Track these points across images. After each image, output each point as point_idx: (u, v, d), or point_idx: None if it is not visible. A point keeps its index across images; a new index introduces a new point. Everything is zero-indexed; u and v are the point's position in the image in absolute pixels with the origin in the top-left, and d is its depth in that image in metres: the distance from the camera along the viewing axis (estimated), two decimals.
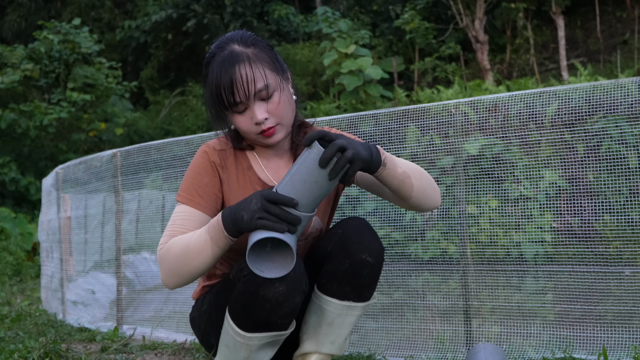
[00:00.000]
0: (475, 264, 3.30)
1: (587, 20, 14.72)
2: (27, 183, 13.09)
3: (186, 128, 15.58)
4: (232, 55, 1.71)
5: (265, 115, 1.72)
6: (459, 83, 12.00)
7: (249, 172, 1.84)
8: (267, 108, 1.73)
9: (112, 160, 4.27)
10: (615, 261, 3.05)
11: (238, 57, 1.70)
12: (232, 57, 1.70)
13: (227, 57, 1.71)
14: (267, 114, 1.72)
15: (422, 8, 14.87)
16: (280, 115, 1.74)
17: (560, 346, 2.80)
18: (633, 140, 3.15)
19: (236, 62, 1.70)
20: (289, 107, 1.77)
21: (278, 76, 1.75)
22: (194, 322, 1.99)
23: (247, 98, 1.70)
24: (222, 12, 16.76)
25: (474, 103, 3.40)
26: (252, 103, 1.71)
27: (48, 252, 5.71)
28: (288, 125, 1.78)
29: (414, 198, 1.76)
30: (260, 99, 1.72)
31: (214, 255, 1.64)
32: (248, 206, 1.55)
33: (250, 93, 1.70)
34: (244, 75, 1.69)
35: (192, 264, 1.66)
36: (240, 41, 1.74)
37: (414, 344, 3.09)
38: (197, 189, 1.78)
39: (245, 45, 1.74)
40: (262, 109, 1.72)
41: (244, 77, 1.69)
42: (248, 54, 1.72)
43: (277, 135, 1.76)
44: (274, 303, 1.64)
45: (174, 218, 1.77)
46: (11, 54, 14.10)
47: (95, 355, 2.87)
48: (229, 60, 1.70)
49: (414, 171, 1.75)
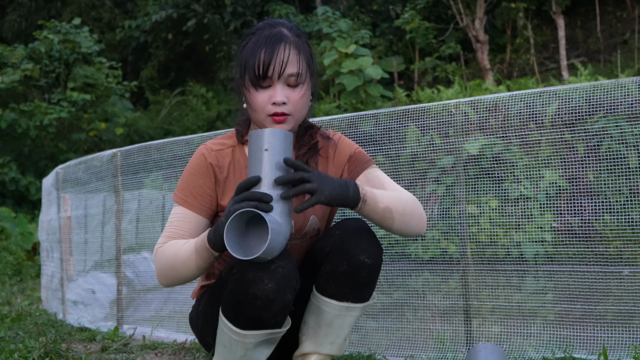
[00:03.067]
0: (476, 264, 3.30)
1: (587, 20, 14.72)
2: (27, 183, 13.08)
3: (186, 128, 15.58)
4: (280, 34, 1.77)
5: (284, 99, 1.75)
6: (459, 83, 12.00)
7: (245, 171, 1.85)
8: (288, 94, 1.76)
9: (112, 160, 4.27)
10: (615, 261, 3.05)
11: (286, 38, 1.76)
12: (280, 36, 1.76)
13: (275, 34, 1.76)
14: (287, 100, 1.76)
15: (422, 8, 14.87)
16: (297, 108, 1.78)
17: (560, 346, 2.80)
18: (633, 140, 3.15)
19: (282, 41, 1.75)
20: (305, 105, 1.81)
21: (309, 73, 1.80)
22: (192, 321, 2.00)
23: (277, 76, 1.75)
24: (222, 12, 16.76)
25: (474, 103, 3.40)
26: (278, 83, 1.76)
27: (48, 251, 5.71)
28: (298, 120, 1.81)
29: (395, 229, 1.77)
30: (287, 83, 1.76)
31: (198, 266, 1.69)
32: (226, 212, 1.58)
33: (283, 73, 1.74)
34: (284, 54, 1.74)
35: (179, 271, 1.72)
36: (289, 28, 1.81)
37: (414, 344, 3.09)
38: (192, 190, 1.81)
39: (293, 34, 1.80)
40: (284, 93, 1.76)
41: (284, 56, 1.74)
42: (294, 41, 1.78)
43: (286, 125, 1.78)
44: (264, 300, 1.65)
45: (170, 219, 1.81)
46: (11, 53, 14.10)
47: (96, 355, 2.87)
48: (276, 37, 1.76)
49: (397, 204, 1.74)
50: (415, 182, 3.57)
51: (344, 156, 1.91)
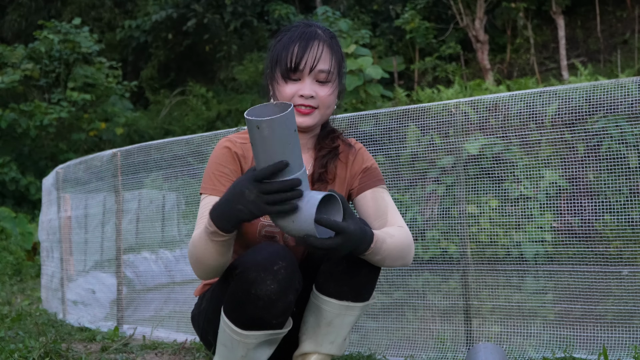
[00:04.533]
0: (476, 264, 3.30)
1: (587, 20, 14.72)
2: (27, 183, 13.08)
3: (186, 128, 15.58)
4: (315, 33, 1.83)
5: (312, 93, 1.80)
6: (459, 83, 12.00)
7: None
8: (317, 90, 1.81)
9: (113, 160, 4.27)
10: (615, 261, 3.05)
11: (320, 37, 1.83)
12: (315, 34, 1.82)
13: (310, 32, 1.82)
14: (315, 94, 1.81)
15: (423, 8, 14.87)
16: (324, 103, 1.83)
17: (560, 346, 2.80)
18: (633, 140, 3.15)
19: (317, 39, 1.82)
20: (332, 103, 1.86)
21: (339, 74, 1.86)
22: (194, 320, 2.00)
23: (309, 70, 1.80)
24: (222, 12, 16.75)
25: (474, 103, 3.40)
26: (308, 78, 1.80)
27: (48, 251, 5.71)
28: (323, 117, 1.86)
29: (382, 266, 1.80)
30: (317, 79, 1.81)
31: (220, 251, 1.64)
32: (244, 199, 1.52)
33: (315, 68, 1.79)
34: (318, 51, 1.80)
35: (205, 262, 1.67)
36: (323, 30, 1.87)
37: (414, 344, 3.09)
38: (219, 177, 1.80)
39: (327, 35, 1.86)
40: (313, 87, 1.81)
41: (318, 52, 1.80)
42: (327, 41, 1.84)
43: (310, 117, 1.82)
44: (266, 301, 1.65)
45: (201, 212, 1.77)
46: (11, 53, 14.09)
47: (96, 354, 2.87)
48: (311, 34, 1.82)
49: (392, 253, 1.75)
50: (415, 182, 3.57)
51: (360, 166, 1.94)
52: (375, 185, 1.91)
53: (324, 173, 1.89)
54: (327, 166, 1.89)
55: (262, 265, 1.63)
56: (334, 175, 1.91)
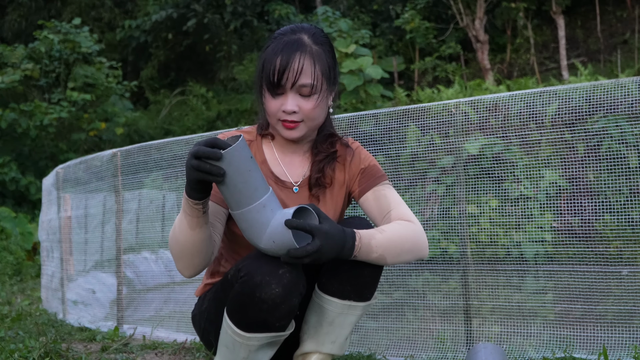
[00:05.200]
0: (476, 264, 3.30)
1: (587, 20, 14.72)
2: (27, 183, 13.08)
3: (186, 128, 15.58)
4: (299, 42, 1.78)
5: (295, 108, 1.78)
6: (459, 83, 12.00)
7: (263, 166, 1.87)
8: (301, 104, 1.78)
9: (113, 160, 4.27)
10: (615, 261, 3.05)
11: (303, 47, 1.77)
12: (298, 44, 1.77)
13: (294, 41, 1.78)
14: (298, 109, 1.78)
15: (423, 7, 14.87)
16: (310, 116, 1.80)
17: (560, 346, 2.80)
18: (633, 139, 3.15)
19: (299, 50, 1.76)
20: (320, 114, 1.82)
21: (326, 83, 1.81)
22: (195, 319, 2.00)
23: (290, 85, 1.77)
24: (223, 12, 16.75)
25: (474, 103, 3.40)
26: (291, 92, 1.78)
27: (48, 251, 5.71)
28: (312, 128, 1.84)
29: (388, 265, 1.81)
30: (300, 93, 1.78)
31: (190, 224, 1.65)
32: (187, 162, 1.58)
33: (296, 83, 1.76)
34: (298, 65, 1.75)
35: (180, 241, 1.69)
36: (312, 35, 1.81)
37: (414, 344, 3.09)
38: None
39: (314, 41, 1.80)
40: (295, 102, 1.78)
41: (298, 66, 1.75)
42: (311, 50, 1.78)
43: (296, 131, 1.81)
44: (270, 305, 1.65)
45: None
46: (11, 53, 14.09)
47: (96, 354, 2.87)
48: (294, 45, 1.77)
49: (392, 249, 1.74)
50: (415, 182, 3.57)
51: (358, 167, 1.93)
52: (375, 184, 1.90)
53: (320, 178, 1.88)
54: (323, 171, 1.88)
55: (267, 269, 1.64)
56: (331, 180, 1.90)
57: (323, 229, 1.59)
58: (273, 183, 1.86)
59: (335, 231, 1.62)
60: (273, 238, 1.59)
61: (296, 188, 1.88)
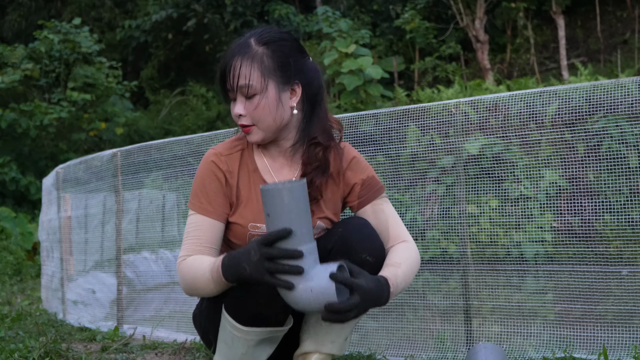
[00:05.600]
0: (476, 264, 3.30)
1: (587, 20, 14.71)
2: (27, 183, 13.07)
3: (186, 128, 15.57)
4: (238, 45, 1.80)
5: (241, 111, 1.79)
6: (459, 83, 12.00)
7: (254, 175, 1.86)
8: (246, 106, 1.78)
9: (113, 160, 4.27)
10: (615, 261, 3.05)
11: (241, 50, 1.78)
12: (237, 48, 1.79)
13: (235, 46, 1.80)
14: (244, 112, 1.78)
15: (423, 7, 14.86)
16: (257, 118, 1.78)
17: (560, 346, 2.80)
18: (633, 139, 3.15)
19: (237, 54, 1.78)
20: (267, 114, 1.77)
21: (268, 81, 1.76)
22: (195, 319, 2.00)
23: (234, 89, 1.78)
24: (223, 12, 16.75)
25: (474, 103, 3.40)
26: (238, 96, 1.79)
27: (48, 251, 5.71)
28: (266, 129, 1.80)
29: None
30: (243, 95, 1.78)
31: (218, 290, 1.71)
32: (249, 259, 1.56)
33: (236, 86, 1.77)
34: (233, 68, 1.77)
35: (201, 292, 1.75)
36: (258, 36, 1.81)
37: (414, 344, 3.09)
38: (206, 195, 1.81)
39: (257, 42, 1.79)
40: (241, 105, 1.79)
41: (234, 69, 1.77)
42: (251, 51, 1.77)
43: (252, 135, 1.81)
44: (267, 297, 1.65)
45: (187, 230, 1.82)
46: (11, 53, 14.09)
47: (96, 354, 2.87)
48: (234, 49, 1.80)
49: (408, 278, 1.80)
50: (415, 182, 3.57)
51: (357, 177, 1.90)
52: (374, 198, 1.89)
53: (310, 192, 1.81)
54: (312, 182, 1.83)
55: None
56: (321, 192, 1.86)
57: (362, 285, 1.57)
58: None
59: (373, 285, 1.61)
60: (312, 287, 1.55)
61: None
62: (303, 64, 1.84)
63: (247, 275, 1.57)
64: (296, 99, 1.82)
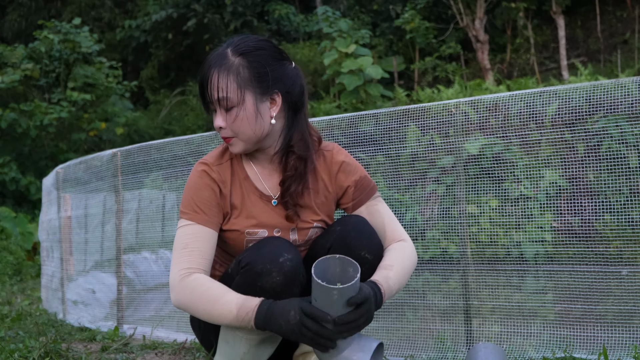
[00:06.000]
0: (476, 264, 3.30)
1: (587, 20, 14.71)
2: (27, 183, 13.08)
3: (186, 128, 15.57)
4: (215, 57, 1.77)
5: (221, 124, 1.77)
6: (459, 82, 12.00)
7: (246, 182, 1.85)
8: (225, 118, 1.77)
9: (113, 160, 4.27)
10: (615, 261, 3.05)
11: (217, 61, 1.76)
12: (214, 59, 1.77)
13: (212, 58, 1.78)
14: (224, 124, 1.77)
15: (423, 7, 14.86)
16: (236, 130, 1.76)
17: (560, 346, 2.80)
18: (633, 139, 3.15)
19: (213, 66, 1.76)
20: (246, 125, 1.76)
21: (245, 93, 1.74)
22: (193, 321, 2.00)
23: (211, 101, 1.77)
24: (223, 12, 16.75)
25: (474, 103, 3.40)
26: (219, 108, 1.77)
27: (48, 251, 5.71)
28: (247, 141, 1.78)
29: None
30: (222, 107, 1.76)
31: (232, 326, 1.71)
32: (287, 317, 1.60)
33: (211, 98, 1.76)
34: (210, 80, 1.75)
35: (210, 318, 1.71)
36: (234, 47, 1.78)
37: (414, 344, 3.09)
38: (200, 204, 1.79)
39: (233, 53, 1.77)
40: (221, 117, 1.77)
41: (211, 82, 1.75)
42: (227, 63, 1.75)
43: (233, 147, 1.80)
44: (271, 294, 1.66)
45: (183, 241, 1.77)
46: (11, 53, 14.09)
47: (96, 354, 2.87)
48: (211, 60, 1.77)
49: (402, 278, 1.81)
50: (415, 182, 3.57)
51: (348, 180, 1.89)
52: (368, 198, 1.89)
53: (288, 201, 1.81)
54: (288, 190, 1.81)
55: (268, 258, 1.66)
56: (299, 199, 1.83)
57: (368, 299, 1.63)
58: (257, 198, 1.83)
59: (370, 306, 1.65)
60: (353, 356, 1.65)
61: (275, 201, 1.85)
62: (282, 72, 1.79)
63: (283, 332, 1.61)
64: (277, 108, 1.79)
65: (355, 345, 1.65)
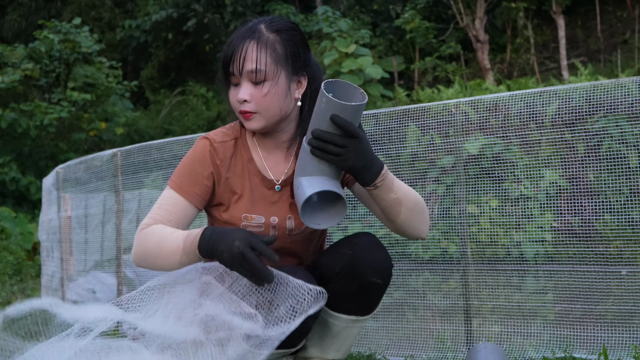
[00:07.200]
0: (476, 264, 3.30)
1: (587, 20, 14.71)
2: (27, 182, 13.07)
3: (186, 127, 15.57)
4: (249, 30, 1.74)
5: (246, 97, 1.72)
6: (459, 82, 12.00)
7: (249, 165, 1.82)
8: (253, 93, 1.72)
9: (113, 160, 4.27)
10: (615, 261, 3.05)
11: (252, 34, 1.73)
12: (247, 32, 1.74)
13: (244, 30, 1.75)
14: (250, 98, 1.72)
15: (423, 7, 14.86)
16: (263, 106, 1.72)
17: (560, 346, 2.80)
18: (633, 139, 3.15)
19: (247, 37, 1.72)
20: (275, 103, 1.73)
21: (280, 69, 1.72)
22: None
23: (239, 73, 1.72)
24: (223, 12, 16.75)
25: (475, 102, 3.40)
26: (243, 80, 1.73)
27: (48, 251, 5.71)
28: (270, 118, 1.75)
29: (398, 223, 1.75)
30: (251, 80, 1.72)
31: (181, 262, 1.65)
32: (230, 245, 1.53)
33: (242, 70, 1.71)
34: (243, 51, 1.71)
35: (159, 262, 1.67)
36: (268, 23, 1.76)
37: (414, 344, 3.09)
38: (190, 177, 1.77)
39: (267, 29, 1.75)
40: (247, 91, 1.72)
41: (243, 52, 1.71)
42: (262, 37, 1.73)
43: (253, 122, 1.75)
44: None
45: (160, 201, 1.77)
46: (11, 53, 14.08)
47: None
48: (244, 34, 1.74)
49: (409, 201, 1.72)
50: (415, 182, 3.57)
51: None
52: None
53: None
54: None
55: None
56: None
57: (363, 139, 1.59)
58: (259, 182, 1.81)
59: (369, 149, 1.62)
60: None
61: (278, 187, 1.82)
62: (310, 58, 1.81)
63: (221, 260, 1.55)
64: (301, 90, 1.78)
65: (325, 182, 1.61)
